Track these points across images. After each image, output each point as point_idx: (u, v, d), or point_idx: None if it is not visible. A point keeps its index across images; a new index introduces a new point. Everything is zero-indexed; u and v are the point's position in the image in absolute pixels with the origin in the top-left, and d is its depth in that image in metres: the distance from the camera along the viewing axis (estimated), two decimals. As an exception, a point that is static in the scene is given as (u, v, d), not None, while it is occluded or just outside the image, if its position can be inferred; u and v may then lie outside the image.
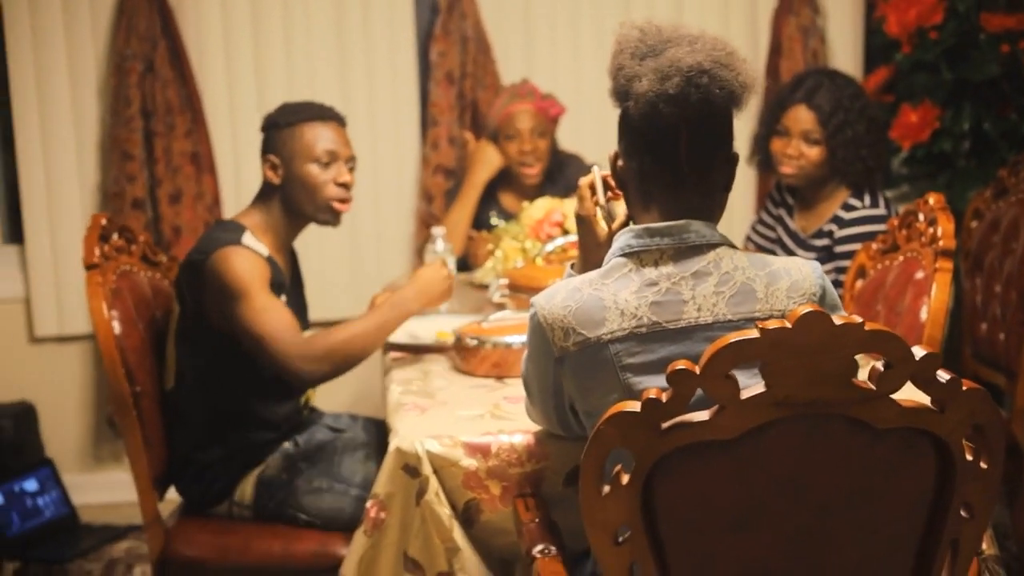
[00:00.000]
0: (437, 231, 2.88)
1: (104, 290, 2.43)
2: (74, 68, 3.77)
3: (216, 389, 2.51)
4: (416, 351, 2.58)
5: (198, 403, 2.52)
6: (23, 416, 3.79)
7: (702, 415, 1.47)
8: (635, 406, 1.46)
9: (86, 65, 3.77)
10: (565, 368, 1.79)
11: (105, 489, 3.91)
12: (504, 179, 3.58)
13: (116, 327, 2.42)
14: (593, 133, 3.97)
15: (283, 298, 2.51)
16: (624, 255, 1.78)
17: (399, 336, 2.64)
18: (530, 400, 1.95)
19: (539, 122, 3.52)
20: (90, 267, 2.43)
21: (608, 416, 1.47)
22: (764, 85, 3.11)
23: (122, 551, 3.57)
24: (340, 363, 2.36)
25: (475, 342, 2.36)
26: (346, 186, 2.58)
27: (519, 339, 2.34)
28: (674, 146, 1.75)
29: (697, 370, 1.44)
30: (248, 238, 2.49)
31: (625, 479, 1.49)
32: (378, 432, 2.66)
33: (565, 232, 2.96)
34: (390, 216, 3.97)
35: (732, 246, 1.78)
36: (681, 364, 1.44)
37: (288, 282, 2.62)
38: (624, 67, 1.78)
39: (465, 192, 3.52)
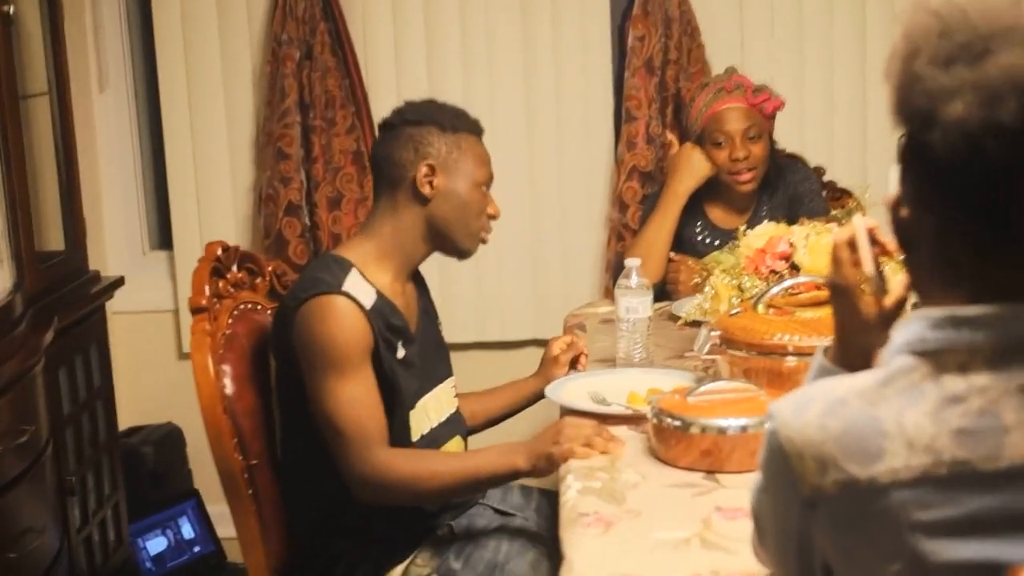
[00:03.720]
0: (631, 262, 2.33)
1: (213, 340, 1.97)
2: (227, 56, 3.42)
3: (327, 467, 1.98)
4: (602, 420, 2.03)
5: (307, 480, 2.05)
6: (168, 441, 3.44)
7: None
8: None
9: (240, 52, 3.43)
10: (818, 515, 1.23)
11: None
12: (711, 188, 3.00)
13: (227, 386, 1.96)
14: (818, 129, 3.49)
15: (401, 352, 2.03)
16: (913, 353, 1.20)
17: (579, 400, 2.12)
18: (760, 540, 1.39)
19: (753, 122, 2.93)
20: (197, 311, 1.98)
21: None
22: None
23: (267, 601, 3.18)
24: (403, 500, 1.97)
25: (678, 423, 1.82)
26: (494, 218, 2.19)
27: (737, 422, 1.78)
28: (1004, 199, 1.15)
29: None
30: (352, 281, 1.98)
31: None
32: (555, 515, 2.14)
33: (794, 268, 2.35)
34: (578, 226, 3.50)
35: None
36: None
37: (417, 321, 2.14)
38: (923, 77, 1.18)
39: (665, 204, 2.96)
